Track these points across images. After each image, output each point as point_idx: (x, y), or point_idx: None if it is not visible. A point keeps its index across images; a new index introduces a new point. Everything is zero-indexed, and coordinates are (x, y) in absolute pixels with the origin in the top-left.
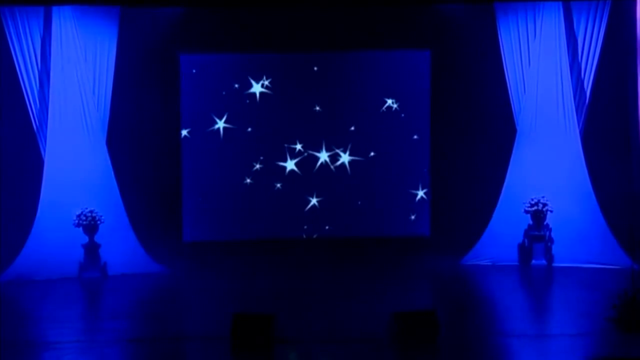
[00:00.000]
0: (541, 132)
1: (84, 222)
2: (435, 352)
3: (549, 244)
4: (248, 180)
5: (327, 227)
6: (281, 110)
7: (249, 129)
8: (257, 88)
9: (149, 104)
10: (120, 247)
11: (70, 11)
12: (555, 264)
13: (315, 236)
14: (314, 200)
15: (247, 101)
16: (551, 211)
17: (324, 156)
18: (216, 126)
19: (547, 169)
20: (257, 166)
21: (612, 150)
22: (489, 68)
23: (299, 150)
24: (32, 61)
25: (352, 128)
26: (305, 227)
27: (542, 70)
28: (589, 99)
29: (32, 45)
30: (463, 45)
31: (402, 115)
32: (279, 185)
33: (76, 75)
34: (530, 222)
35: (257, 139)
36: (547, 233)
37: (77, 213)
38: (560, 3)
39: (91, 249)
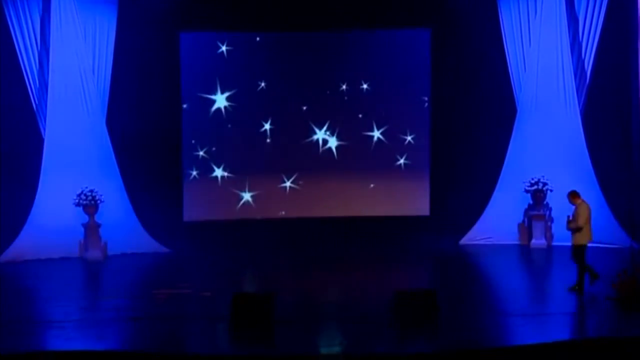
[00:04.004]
0: (541, 112)
1: (85, 202)
2: (435, 329)
3: (549, 223)
4: (251, 159)
5: (331, 207)
6: (282, 88)
7: (251, 107)
8: (255, 66)
9: (150, 83)
10: (121, 227)
11: None
12: (555, 243)
13: (315, 216)
14: (312, 180)
15: (248, 79)
16: (551, 190)
17: (321, 135)
18: (217, 105)
19: (548, 149)
20: (261, 144)
21: (612, 130)
22: (489, 47)
23: (300, 130)
24: (32, 41)
25: (359, 111)
26: (306, 206)
27: (543, 50)
28: (590, 78)
29: (32, 25)
30: (464, 24)
31: (403, 96)
32: (281, 164)
33: (76, 54)
34: (530, 201)
35: (260, 117)
36: (547, 212)
37: (78, 192)
38: None
39: (92, 228)
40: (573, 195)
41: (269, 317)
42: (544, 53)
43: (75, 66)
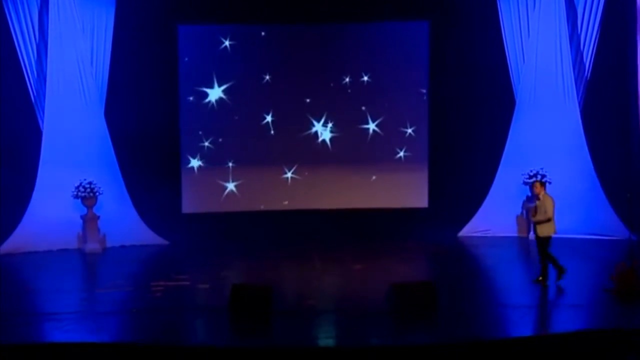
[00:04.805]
0: (540, 104)
1: (83, 194)
2: (434, 322)
3: None
4: (252, 151)
5: (330, 199)
6: (284, 81)
7: (252, 100)
8: (255, 59)
9: (148, 74)
10: (119, 219)
11: None
12: (553, 236)
13: (314, 208)
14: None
15: (248, 72)
16: (550, 182)
17: (319, 128)
18: (215, 98)
19: (546, 141)
20: (263, 136)
21: (611, 122)
22: (488, 39)
23: (302, 122)
24: (30, 33)
25: (358, 103)
26: (306, 199)
27: (542, 41)
28: (589, 70)
29: (30, 17)
30: (462, 15)
31: (401, 88)
32: (282, 156)
33: (74, 47)
34: (529, 193)
35: (261, 109)
36: None
37: (76, 185)
38: None
39: (90, 220)
40: (540, 186)
41: (268, 308)
42: (542, 45)
43: (73, 59)
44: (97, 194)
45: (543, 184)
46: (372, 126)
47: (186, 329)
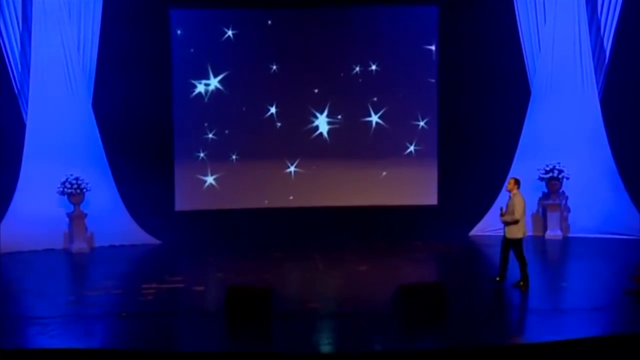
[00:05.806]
0: (557, 94)
1: (70, 190)
2: (443, 325)
3: (565, 213)
4: (251, 144)
5: (334, 196)
6: (290, 71)
7: (252, 90)
8: (250, 46)
9: (140, 63)
10: (108, 217)
11: None
12: (571, 235)
13: (318, 205)
14: (314, 168)
15: (248, 61)
16: (567, 178)
17: (323, 121)
18: (208, 89)
19: (563, 133)
20: (267, 128)
21: (633, 113)
22: (501, 25)
23: (297, 115)
24: (12, 17)
25: (367, 95)
26: (309, 195)
27: (559, 28)
28: (609, 57)
29: (12, 3)
30: (473, 0)
31: (409, 79)
32: (286, 150)
33: (60, 34)
34: (545, 189)
35: (265, 101)
36: (563, 201)
37: (62, 180)
38: None
39: (77, 218)
40: (514, 183)
41: (267, 311)
42: (559, 31)
43: (59, 45)
44: (85, 190)
45: (517, 182)
46: (374, 118)
47: (179, 334)
